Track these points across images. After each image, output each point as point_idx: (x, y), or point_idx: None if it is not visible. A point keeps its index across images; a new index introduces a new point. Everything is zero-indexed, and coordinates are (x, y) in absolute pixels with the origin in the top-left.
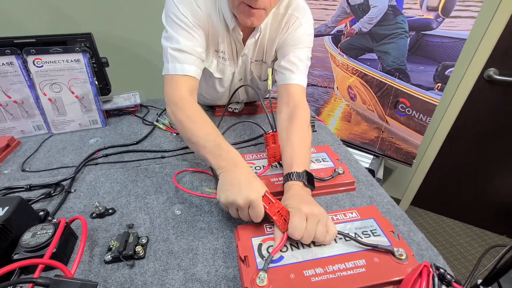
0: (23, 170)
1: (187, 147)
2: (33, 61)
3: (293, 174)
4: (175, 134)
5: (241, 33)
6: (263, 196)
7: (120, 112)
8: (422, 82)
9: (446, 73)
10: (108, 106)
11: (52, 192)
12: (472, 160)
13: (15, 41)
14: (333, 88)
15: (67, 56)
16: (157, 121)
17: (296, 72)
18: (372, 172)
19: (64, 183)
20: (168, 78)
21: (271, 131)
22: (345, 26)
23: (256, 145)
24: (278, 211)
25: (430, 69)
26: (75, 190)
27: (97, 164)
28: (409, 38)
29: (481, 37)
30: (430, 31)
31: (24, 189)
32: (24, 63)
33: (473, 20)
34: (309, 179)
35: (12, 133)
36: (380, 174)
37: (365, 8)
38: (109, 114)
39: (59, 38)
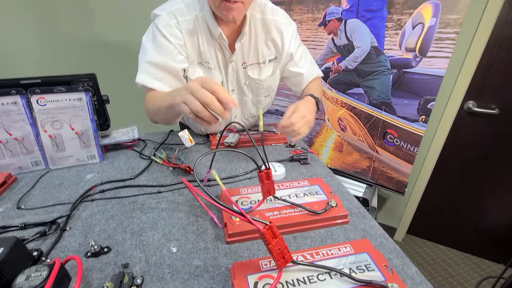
0: (19, 208)
1: (182, 182)
2: (37, 100)
3: (313, 96)
4: (171, 168)
5: (226, 39)
6: (267, 229)
7: (118, 146)
8: (407, 114)
9: (428, 106)
10: (106, 141)
11: (47, 230)
12: (462, 188)
13: (21, 81)
14: (324, 119)
15: (70, 95)
16: (154, 155)
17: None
18: (366, 201)
19: (59, 220)
20: (142, 89)
21: (264, 168)
22: (332, 64)
23: (251, 178)
24: (279, 248)
25: (413, 102)
26: (70, 228)
27: (93, 200)
28: (392, 75)
29: (457, 74)
30: (410, 69)
31: (18, 227)
32: (28, 102)
33: (448, 60)
34: (317, 103)
35: (9, 169)
36: (374, 202)
37: (350, 48)
38: (107, 149)
39: (64, 78)
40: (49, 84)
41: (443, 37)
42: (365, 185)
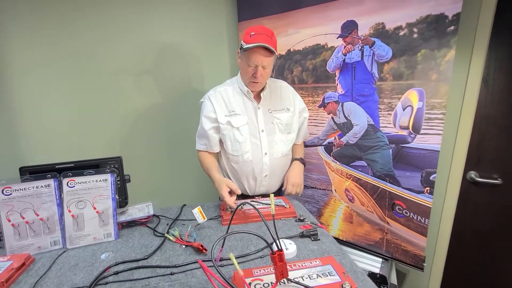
0: None
1: (196, 262)
2: (67, 183)
3: (297, 159)
4: (184, 246)
5: (252, 93)
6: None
7: (132, 223)
8: (412, 186)
9: (431, 178)
10: (122, 218)
11: None
12: (484, 261)
13: (56, 166)
14: (331, 190)
15: (97, 177)
16: (167, 232)
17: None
18: (384, 278)
19: None
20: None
21: (277, 249)
22: (334, 139)
23: (263, 257)
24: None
25: (416, 175)
26: None
27: (107, 283)
28: (391, 149)
29: (452, 149)
30: (407, 144)
31: None
32: (59, 184)
33: (441, 136)
34: (302, 161)
35: (29, 249)
36: (393, 279)
37: (348, 126)
38: (122, 226)
39: (94, 162)
40: (80, 168)
41: (432, 117)
42: (380, 259)
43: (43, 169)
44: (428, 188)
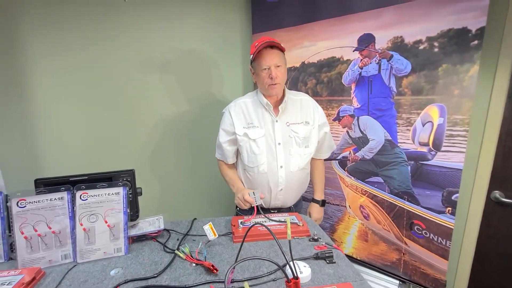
0: None
1: (206, 283)
2: (80, 195)
3: (317, 201)
4: (194, 265)
5: (271, 105)
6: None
7: (143, 237)
8: (432, 205)
9: (452, 198)
10: (133, 232)
11: None
12: (509, 286)
13: (70, 179)
14: (346, 206)
15: (109, 190)
16: (177, 248)
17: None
18: None
19: None
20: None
21: (293, 277)
22: (349, 153)
23: (276, 280)
24: None
25: (436, 194)
26: None
27: None
28: (409, 166)
29: (475, 167)
30: (427, 161)
31: None
32: (73, 197)
33: (463, 154)
34: (323, 204)
35: (40, 263)
36: None
37: (364, 140)
38: (133, 240)
39: (107, 175)
40: (94, 181)
41: (454, 134)
42: (397, 281)
43: (58, 181)
44: (449, 208)
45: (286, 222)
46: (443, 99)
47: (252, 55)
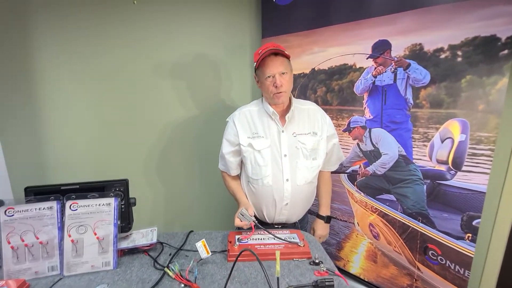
0: None
1: None
2: (70, 205)
3: (322, 216)
4: (183, 285)
5: (277, 114)
6: None
7: (134, 250)
8: (450, 230)
9: (473, 223)
10: (124, 245)
11: None
12: None
13: (61, 187)
14: (354, 223)
15: (100, 200)
16: (167, 266)
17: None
18: None
19: None
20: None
21: None
22: (359, 167)
23: None
24: None
25: (455, 217)
26: None
27: None
28: (425, 185)
29: (500, 190)
30: (445, 181)
31: None
32: (62, 207)
33: (487, 176)
34: (328, 220)
35: (26, 274)
36: None
37: (376, 154)
38: (123, 252)
39: (99, 184)
40: (86, 190)
41: (478, 153)
42: None
43: (48, 190)
44: (469, 235)
45: (287, 241)
46: (466, 114)
47: (255, 63)
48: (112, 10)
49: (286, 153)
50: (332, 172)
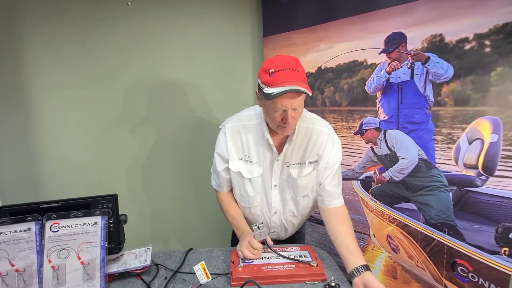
0: None
1: None
2: (51, 226)
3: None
4: None
5: (273, 144)
6: None
7: (126, 273)
8: (482, 243)
9: (510, 236)
10: (114, 269)
11: None
12: None
13: (41, 206)
14: (369, 235)
15: (85, 219)
16: None
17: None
18: None
19: None
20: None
21: None
22: (374, 173)
23: None
24: None
25: (488, 229)
26: None
27: None
28: (451, 193)
29: None
30: (475, 188)
31: None
32: (42, 228)
33: None
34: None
35: None
36: None
37: (393, 158)
38: (112, 277)
39: (84, 201)
40: (69, 208)
41: None
42: None
43: (26, 209)
44: (506, 249)
45: (297, 260)
46: (498, 111)
47: (263, 85)
48: (106, 16)
49: (276, 183)
50: (343, 179)
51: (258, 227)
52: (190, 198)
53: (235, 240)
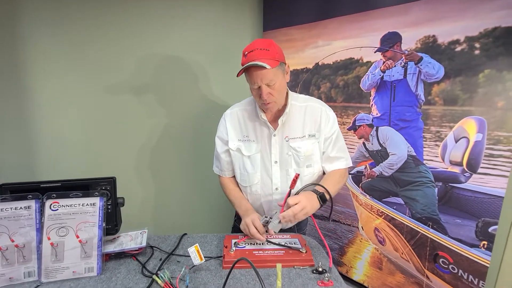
0: None
1: None
2: (50, 205)
3: (316, 191)
4: None
5: (265, 118)
6: None
7: (122, 254)
8: (463, 237)
9: (489, 230)
10: (110, 249)
11: None
12: None
13: (41, 185)
14: (358, 227)
15: (84, 200)
16: (156, 273)
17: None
18: None
19: None
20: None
21: None
22: (365, 168)
23: None
24: None
25: (469, 223)
26: None
27: None
28: (436, 188)
29: None
30: (459, 184)
31: None
32: (41, 206)
33: (506, 179)
34: (321, 198)
35: None
36: None
37: (383, 154)
38: (109, 257)
39: (84, 182)
40: (68, 188)
41: (495, 154)
42: None
43: (26, 187)
44: (485, 242)
45: (287, 247)
46: (483, 111)
47: (241, 65)
48: (104, 9)
49: (276, 159)
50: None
51: (269, 218)
52: (189, 185)
53: (236, 229)
